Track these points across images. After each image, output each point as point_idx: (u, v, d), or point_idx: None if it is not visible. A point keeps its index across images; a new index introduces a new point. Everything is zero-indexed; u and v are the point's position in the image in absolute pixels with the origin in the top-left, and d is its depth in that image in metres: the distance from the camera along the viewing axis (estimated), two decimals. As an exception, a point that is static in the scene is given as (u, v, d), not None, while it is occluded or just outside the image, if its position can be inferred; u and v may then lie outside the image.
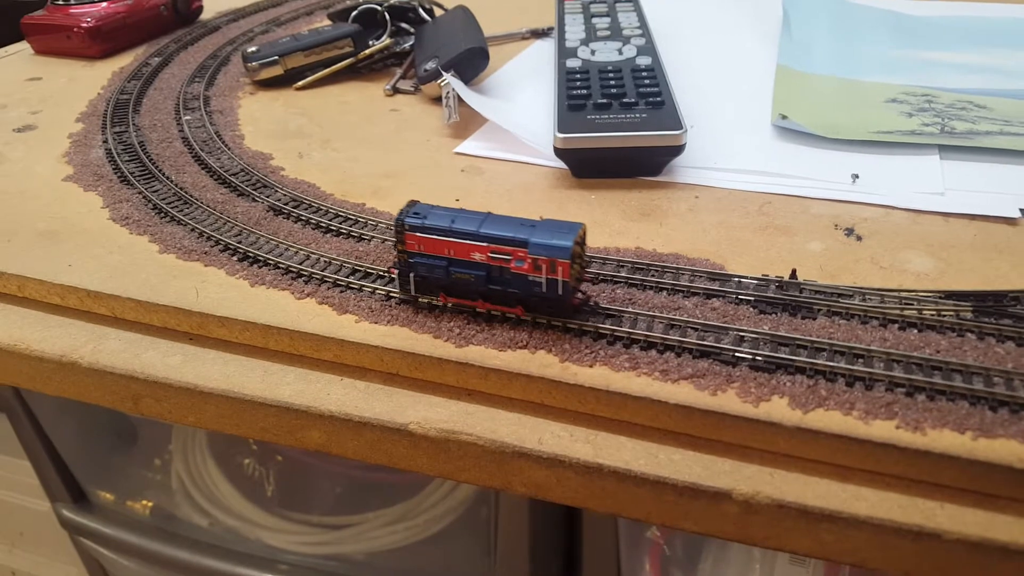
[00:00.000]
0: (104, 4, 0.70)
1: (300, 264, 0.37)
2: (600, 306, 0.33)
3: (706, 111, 0.54)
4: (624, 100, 0.47)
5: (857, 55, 0.61)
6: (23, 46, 0.73)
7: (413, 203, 0.34)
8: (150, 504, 0.75)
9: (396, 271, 0.34)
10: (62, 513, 0.71)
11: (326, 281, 0.36)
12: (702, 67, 0.62)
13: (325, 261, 0.37)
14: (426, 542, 0.66)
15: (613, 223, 0.42)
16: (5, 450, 0.73)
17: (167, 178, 0.46)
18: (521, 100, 0.57)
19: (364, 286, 0.36)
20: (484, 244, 0.32)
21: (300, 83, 0.61)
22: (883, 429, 0.27)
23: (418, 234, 0.33)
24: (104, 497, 0.76)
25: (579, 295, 0.33)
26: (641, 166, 0.46)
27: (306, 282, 0.36)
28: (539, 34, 0.71)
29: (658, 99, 0.47)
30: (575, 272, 0.31)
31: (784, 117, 0.49)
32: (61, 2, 0.70)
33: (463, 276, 0.32)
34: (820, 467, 0.28)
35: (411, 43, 0.64)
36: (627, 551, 0.62)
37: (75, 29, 0.68)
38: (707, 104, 0.55)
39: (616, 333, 0.32)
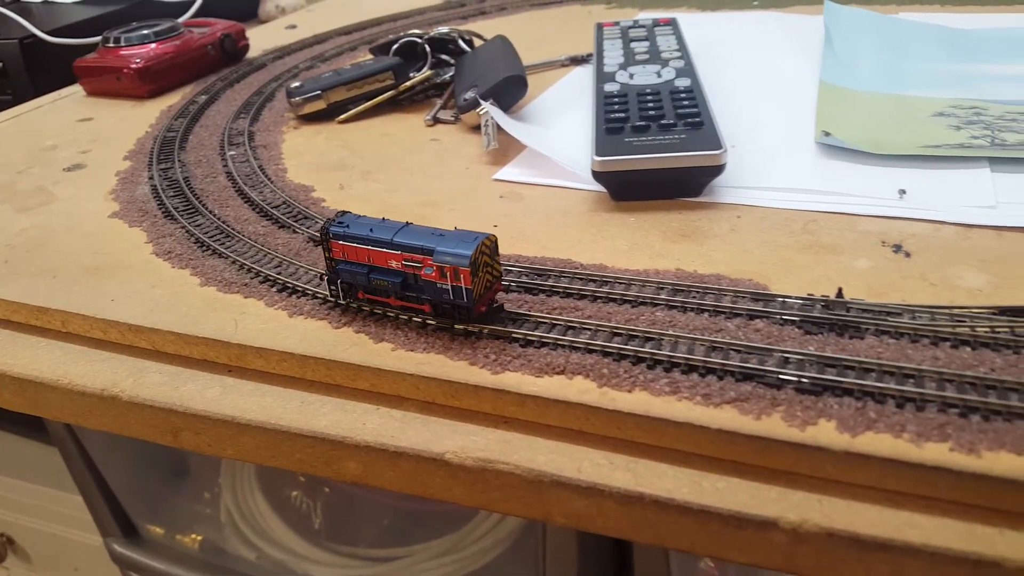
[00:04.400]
0: (153, 45, 0.73)
1: (337, 294, 0.37)
2: (638, 329, 0.33)
3: (748, 131, 0.53)
4: (663, 122, 0.47)
5: (901, 70, 0.59)
6: (76, 88, 0.75)
7: (342, 213, 0.37)
8: (199, 538, 0.76)
9: (325, 277, 0.37)
10: (113, 548, 0.72)
11: (363, 310, 0.36)
12: (743, 87, 0.61)
13: (362, 290, 0.37)
14: (474, 574, 0.65)
15: (653, 245, 0.41)
16: (58, 485, 0.75)
17: (210, 212, 0.47)
18: (560, 126, 0.57)
19: (400, 314, 0.35)
20: (398, 252, 0.34)
21: (342, 116, 0.62)
22: (936, 452, 0.26)
23: (341, 242, 0.35)
24: (154, 531, 0.76)
25: (493, 303, 0.35)
26: (681, 187, 0.45)
27: (343, 311, 0.36)
28: (578, 61, 0.71)
29: (697, 119, 0.46)
30: (480, 280, 0.33)
31: (827, 134, 0.48)
32: (112, 44, 0.72)
33: (382, 283, 0.35)
34: (871, 493, 0.27)
35: (451, 74, 0.64)
36: (680, 579, 0.60)
37: (125, 70, 0.70)
38: (749, 124, 0.54)
39: (656, 357, 0.31)
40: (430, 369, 0.32)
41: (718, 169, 0.44)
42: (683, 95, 0.50)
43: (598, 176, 0.45)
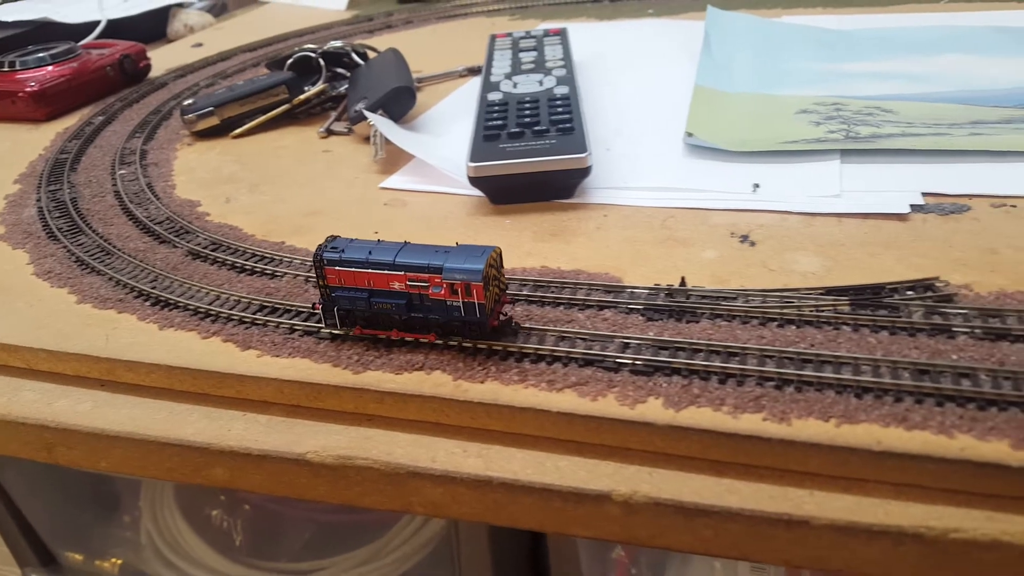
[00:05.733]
0: (49, 68, 0.72)
1: (209, 304, 0.38)
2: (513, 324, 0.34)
3: (624, 134, 0.55)
4: (536, 128, 0.49)
5: (776, 71, 0.63)
6: (-29, 115, 0.74)
7: (332, 238, 0.35)
8: (119, 562, 0.75)
9: (320, 306, 0.35)
10: (31, 578, 0.71)
11: (232, 319, 0.37)
12: (626, 92, 0.63)
13: (234, 300, 0.39)
14: (396, 582, 0.66)
15: (524, 244, 0.43)
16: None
17: (93, 231, 0.47)
18: (451, 134, 0.59)
19: (269, 321, 0.37)
20: (401, 273, 0.33)
21: (237, 131, 0.63)
22: (751, 422, 0.28)
23: (337, 268, 0.33)
24: (73, 558, 0.75)
25: (502, 316, 0.34)
26: (553, 189, 0.47)
27: (213, 321, 0.37)
28: (475, 72, 0.73)
29: (568, 125, 0.48)
30: (491, 294, 0.32)
31: (690, 135, 0.51)
32: (6, 68, 0.72)
33: (384, 306, 0.33)
34: (696, 463, 0.29)
35: (346, 86, 0.66)
36: (593, 573, 0.62)
37: (20, 94, 0.70)
38: (626, 127, 0.56)
39: (508, 348, 0.33)
40: (293, 373, 0.34)
41: (584, 171, 0.46)
42: (559, 102, 0.52)
43: (474, 181, 0.47)
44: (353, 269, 0.33)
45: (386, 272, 0.33)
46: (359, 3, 1.06)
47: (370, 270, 0.33)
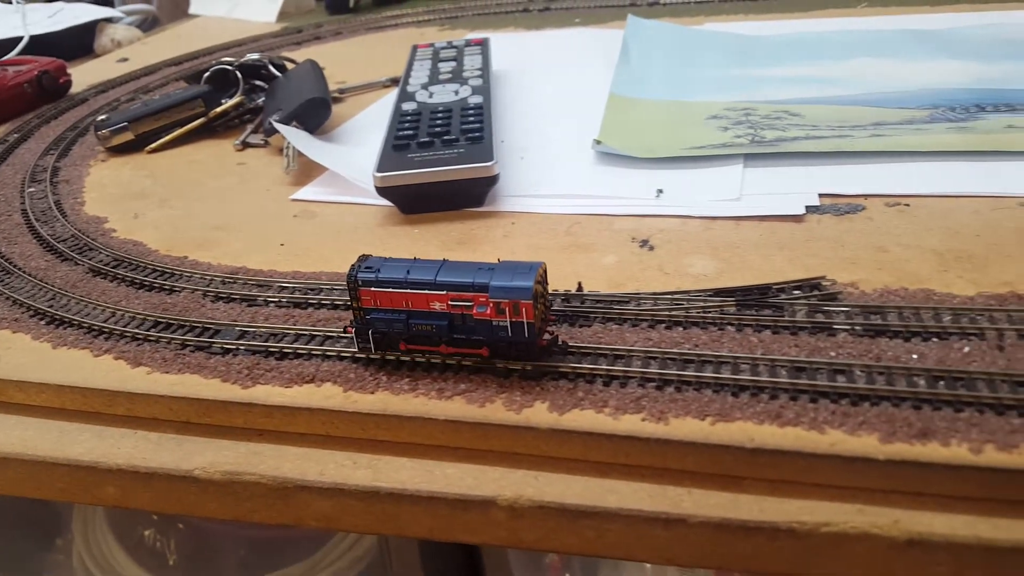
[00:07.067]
0: (-38, 87, 0.71)
1: (104, 322, 0.38)
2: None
3: (540, 142, 0.55)
4: (446, 137, 0.49)
5: (691, 78, 0.64)
6: None
7: (364, 257, 0.33)
8: (49, 588, 0.73)
9: (353, 330, 0.33)
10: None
11: (125, 336, 0.37)
12: (546, 102, 0.64)
13: (129, 317, 0.38)
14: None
15: (431, 253, 0.42)
16: None
17: (-6, 251, 0.46)
18: (368, 145, 0.59)
19: (162, 337, 0.36)
20: (443, 292, 0.31)
21: (151, 146, 0.62)
22: (630, 423, 0.29)
23: (373, 289, 0.32)
24: (3, 585, 0.74)
25: (547, 335, 0.32)
26: (463, 198, 0.47)
27: (107, 339, 0.37)
28: (398, 82, 0.73)
29: (478, 134, 0.49)
30: (539, 312, 0.31)
31: (599, 142, 0.51)
32: (-83, 88, 0.70)
33: (424, 327, 0.31)
34: (581, 465, 0.29)
35: (263, 99, 0.65)
36: (530, 579, 0.62)
37: (-70, 114, 0.68)
38: (542, 136, 0.57)
39: (401, 359, 0.33)
40: (182, 389, 0.33)
41: (492, 180, 0.46)
42: (471, 112, 0.53)
43: (381, 191, 0.46)
44: (390, 290, 0.31)
45: (426, 292, 0.31)
46: (289, 15, 1.05)
47: (409, 290, 0.31)
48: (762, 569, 0.27)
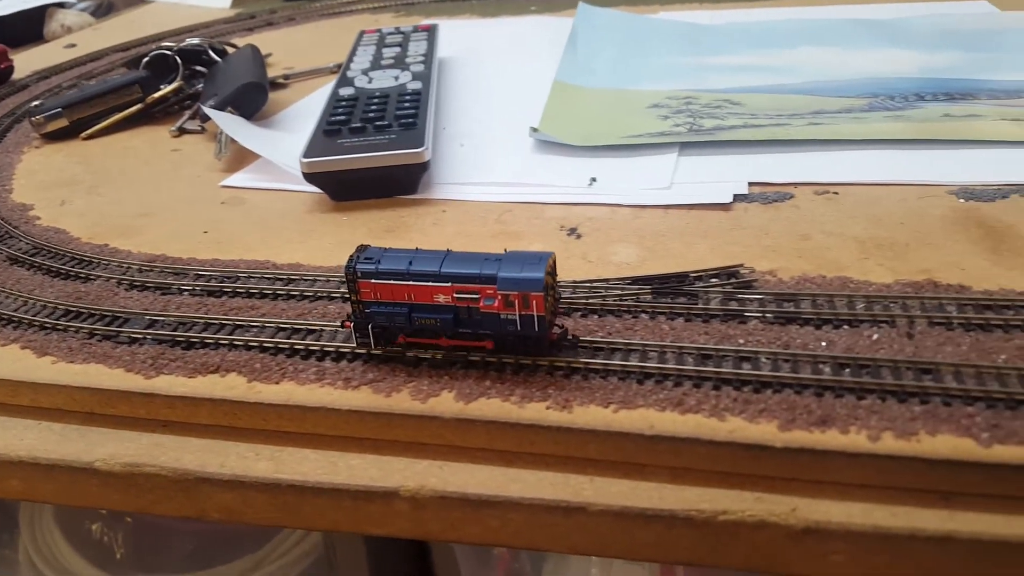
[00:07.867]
0: None
1: (13, 311, 0.37)
2: (300, 322, 0.34)
3: (481, 131, 0.55)
4: (379, 123, 0.48)
5: (637, 66, 0.63)
6: None
7: (363, 247, 0.31)
8: (-7, 583, 0.72)
9: (351, 324, 0.31)
10: None
11: (34, 325, 0.36)
12: (491, 89, 0.63)
13: (40, 306, 0.37)
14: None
15: (357, 241, 0.41)
16: None
17: (-92, 240, 0.45)
18: (306, 131, 0.58)
19: (70, 326, 0.35)
20: (447, 284, 0.29)
21: (86, 132, 0.61)
22: (535, 411, 0.28)
23: (373, 281, 0.30)
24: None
25: (556, 328, 0.31)
26: (394, 185, 0.46)
27: (15, 328, 0.36)
28: (345, 68, 0.72)
29: (411, 120, 0.48)
30: (549, 305, 0.29)
31: (535, 130, 0.51)
32: None
33: (428, 322, 0.30)
34: (486, 454, 0.29)
35: (202, 84, 0.64)
36: (478, 573, 0.62)
37: None
38: (483, 124, 0.56)
39: (310, 348, 0.32)
40: (86, 379, 0.32)
41: (423, 166, 0.46)
42: (408, 98, 0.52)
43: (308, 177, 0.46)
44: (392, 282, 0.30)
45: (430, 284, 0.30)
46: (244, 1, 1.03)
47: (411, 282, 0.30)
48: (663, 557, 0.27)
